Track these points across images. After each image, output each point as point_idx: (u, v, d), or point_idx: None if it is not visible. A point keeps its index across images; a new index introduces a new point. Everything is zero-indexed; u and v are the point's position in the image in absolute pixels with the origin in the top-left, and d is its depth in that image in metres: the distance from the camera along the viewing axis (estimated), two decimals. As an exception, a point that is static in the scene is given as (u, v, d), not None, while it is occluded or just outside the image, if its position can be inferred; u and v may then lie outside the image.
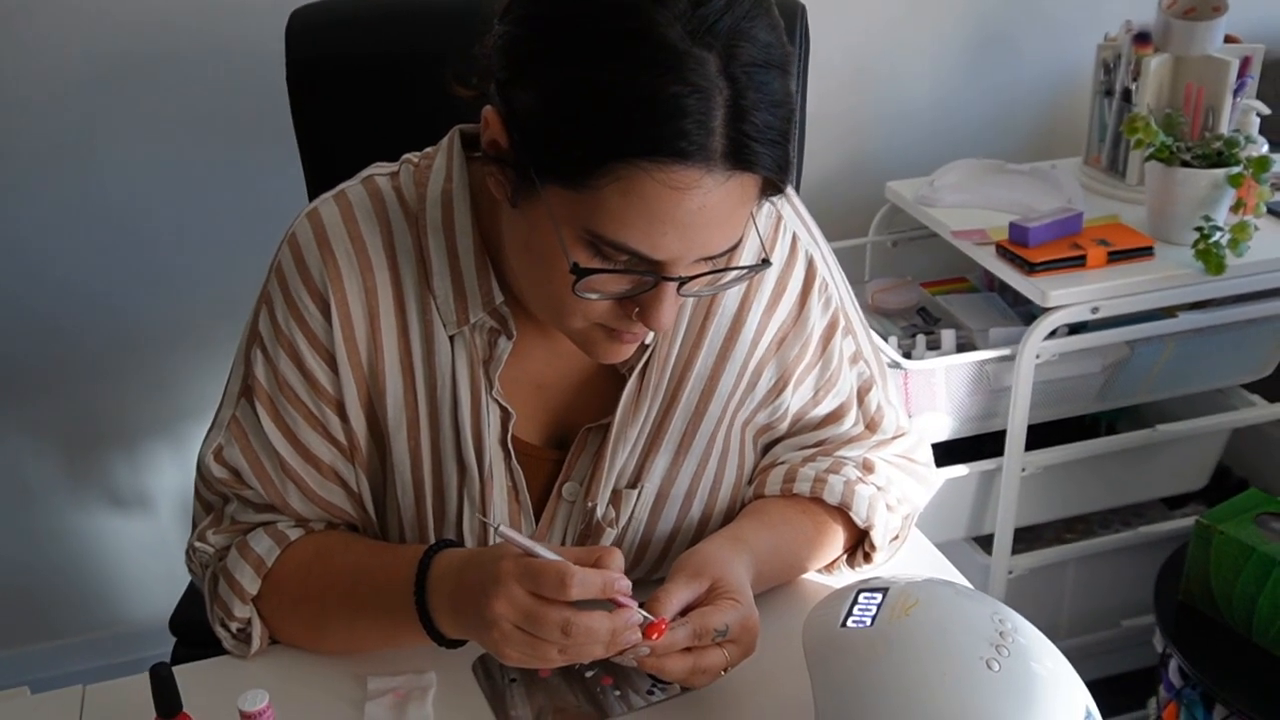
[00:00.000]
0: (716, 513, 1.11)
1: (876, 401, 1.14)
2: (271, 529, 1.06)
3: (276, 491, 1.05)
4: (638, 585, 1.10)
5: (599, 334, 0.94)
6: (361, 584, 1.02)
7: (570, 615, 0.86)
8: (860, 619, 0.91)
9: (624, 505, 1.06)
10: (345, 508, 1.07)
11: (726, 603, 0.93)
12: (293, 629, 1.06)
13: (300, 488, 1.05)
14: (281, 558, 1.04)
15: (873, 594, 0.93)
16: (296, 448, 1.04)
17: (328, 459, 1.05)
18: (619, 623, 0.88)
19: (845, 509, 1.09)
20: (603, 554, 0.90)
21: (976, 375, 1.80)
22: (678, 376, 1.06)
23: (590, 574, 0.87)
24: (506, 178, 0.90)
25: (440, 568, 0.96)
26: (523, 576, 0.87)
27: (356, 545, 1.05)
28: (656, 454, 1.06)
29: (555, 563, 0.87)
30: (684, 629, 0.91)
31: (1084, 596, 2.04)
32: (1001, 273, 1.80)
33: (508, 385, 1.04)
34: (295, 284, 1.02)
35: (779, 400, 1.10)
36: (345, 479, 1.06)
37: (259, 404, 1.04)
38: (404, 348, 1.02)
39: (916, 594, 0.92)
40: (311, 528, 1.07)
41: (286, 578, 1.04)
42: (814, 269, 1.08)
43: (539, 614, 0.87)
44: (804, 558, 1.11)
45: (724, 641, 0.93)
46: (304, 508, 1.06)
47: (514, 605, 0.87)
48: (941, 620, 0.89)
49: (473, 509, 1.04)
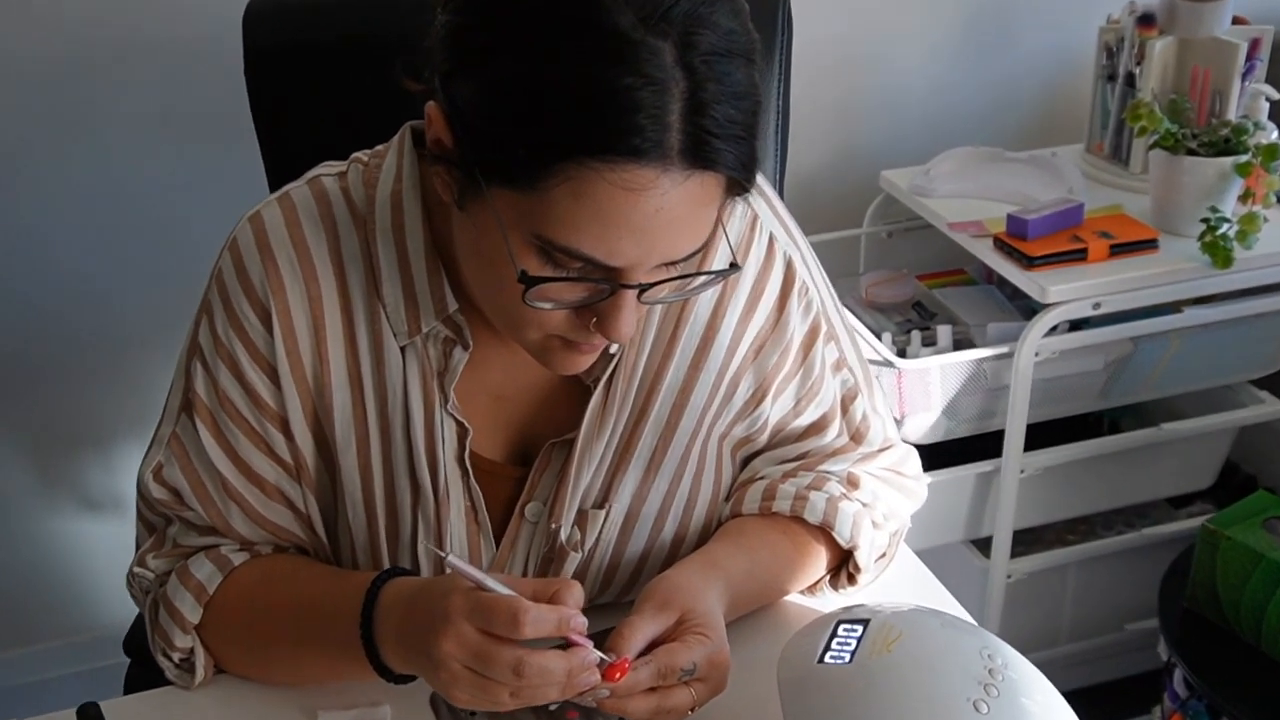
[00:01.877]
0: (691, 532, 1.04)
1: (862, 411, 1.07)
2: (214, 553, 0.99)
3: (219, 513, 0.98)
4: (605, 610, 1.05)
5: (555, 344, 0.88)
6: (306, 614, 0.95)
7: (523, 655, 0.80)
8: (839, 654, 0.84)
9: (590, 527, 0.99)
10: (292, 529, 1.00)
11: (695, 638, 0.87)
12: (237, 659, 1.00)
13: (244, 509, 0.98)
14: (224, 585, 0.98)
15: (853, 626, 0.86)
16: (239, 466, 0.98)
17: (272, 478, 0.98)
18: (575, 663, 0.81)
19: (828, 528, 1.02)
20: (561, 587, 0.83)
21: (974, 374, 1.73)
22: (647, 388, 0.99)
23: (545, 611, 0.80)
24: (453, 178, 0.83)
25: (388, 599, 0.90)
26: (473, 613, 0.81)
27: (302, 572, 0.99)
28: (625, 471, 0.99)
29: (508, 599, 0.80)
30: (647, 669, 0.85)
31: (1086, 601, 1.97)
32: (999, 267, 1.73)
33: (465, 398, 0.97)
34: (235, 293, 0.95)
35: (757, 411, 1.03)
36: (291, 499, 0.99)
37: (199, 420, 0.97)
38: (351, 359, 0.96)
39: (900, 627, 0.85)
40: (257, 550, 1.01)
41: (229, 606, 0.98)
42: (793, 271, 1.01)
43: (490, 654, 0.80)
44: (783, 581, 1.04)
45: (691, 680, 0.86)
46: (248, 530, 0.99)
47: (463, 644, 0.81)
48: (926, 656, 0.83)
49: (428, 531, 0.98)
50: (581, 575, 1.01)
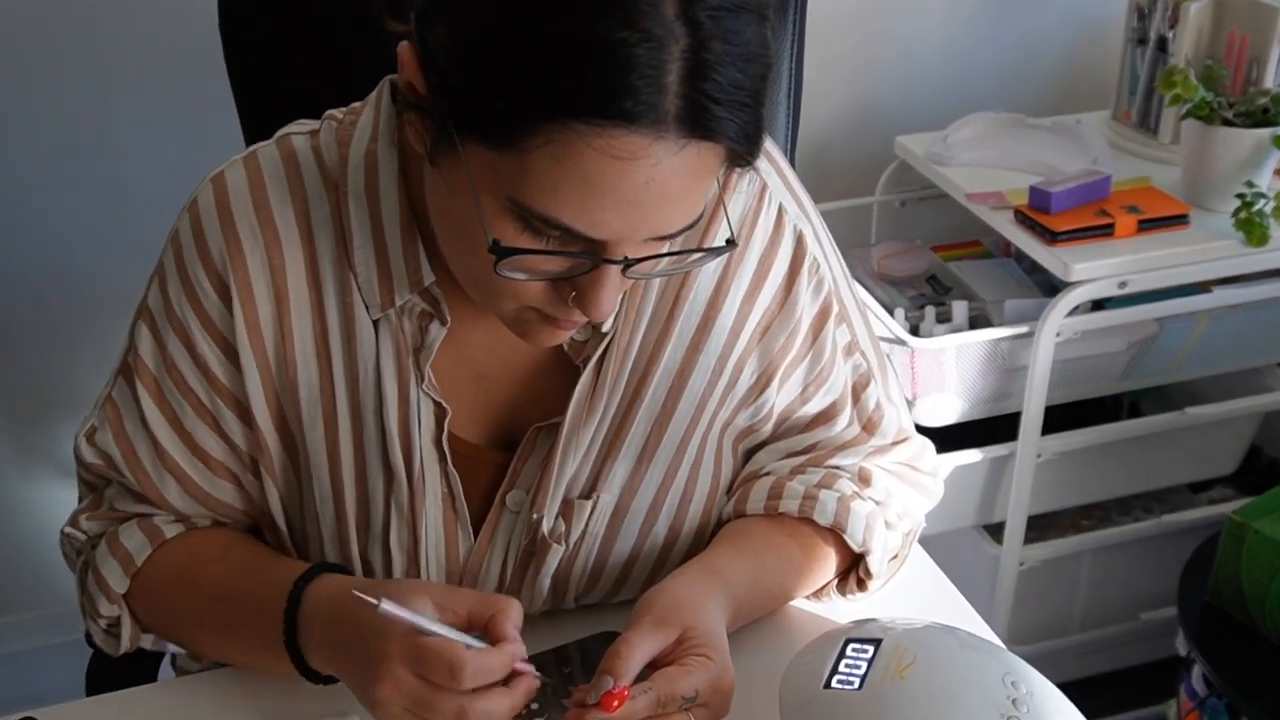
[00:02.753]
0: (686, 530, 0.96)
1: (875, 399, 0.98)
2: (147, 523, 0.93)
3: (152, 485, 0.91)
4: (591, 611, 0.96)
5: (531, 316, 0.80)
6: (230, 603, 0.89)
7: (465, 702, 0.74)
8: (848, 678, 0.76)
9: (575, 518, 0.91)
10: (235, 505, 0.93)
11: (696, 661, 0.79)
12: (166, 633, 0.94)
13: (181, 483, 0.91)
14: (153, 558, 0.92)
15: (863, 646, 0.78)
16: (182, 438, 0.90)
17: (218, 455, 0.91)
18: (516, 697, 0.75)
19: (839, 531, 0.94)
20: (499, 611, 0.77)
21: (990, 354, 1.65)
22: (641, 370, 0.90)
23: (489, 659, 0.74)
24: (425, 129, 0.75)
25: (311, 604, 0.83)
26: (410, 659, 0.75)
27: (232, 553, 0.92)
28: (615, 460, 0.91)
29: (446, 649, 0.74)
30: (645, 698, 0.77)
31: (1100, 589, 1.90)
32: (1020, 241, 1.64)
33: (444, 376, 0.89)
34: (192, 260, 0.87)
35: (762, 399, 0.94)
36: (239, 476, 0.92)
37: (140, 385, 0.90)
38: (319, 334, 0.87)
39: (914, 649, 0.77)
40: (194, 523, 0.94)
41: (156, 580, 0.92)
42: (803, 247, 0.92)
43: (429, 702, 0.74)
44: (789, 588, 0.96)
45: (692, 707, 0.78)
46: (183, 504, 0.93)
47: (401, 690, 0.75)
48: (944, 684, 0.75)
49: (401, 519, 0.89)
50: (565, 571, 0.93)
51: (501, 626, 0.75)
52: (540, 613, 0.95)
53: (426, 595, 0.76)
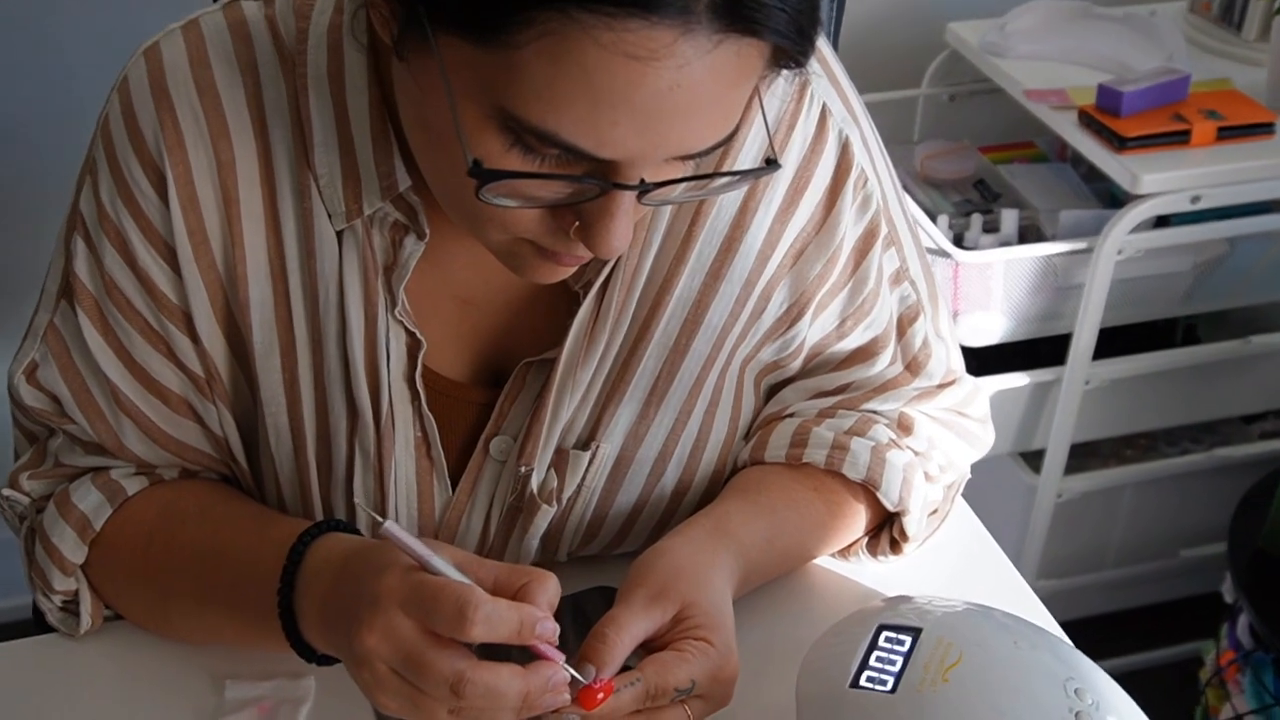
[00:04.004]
0: (699, 479, 0.83)
1: (922, 335, 0.85)
2: (103, 478, 0.80)
3: (108, 429, 0.78)
4: (589, 562, 0.85)
5: (525, 250, 0.66)
6: (213, 567, 0.76)
7: (466, 669, 0.60)
8: (879, 677, 0.64)
9: (570, 472, 0.78)
10: (203, 449, 0.80)
11: (695, 648, 0.67)
12: (131, 609, 0.81)
13: (140, 425, 0.78)
14: (115, 519, 0.79)
15: (898, 636, 0.66)
16: (134, 372, 0.77)
17: (177, 388, 0.78)
18: (535, 684, 0.62)
19: (871, 487, 0.82)
20: (533, 579, 0.63)
21: (1042, 270, 1.52)
22: (652, 299, 0.77)
23: (504, 609, 0.61)
24: (391, 13, 0.60)
25: (316, 561, 0.70)
26: (410, 600, 0.61)
27: (215, 510, 0.79)
28: (618, 403, 0.78)
29: (457, 586, 0.61)
30: (632, 692, 0.65)
31: (1141, 523, 1.78)
32: (1084, 146, 1.49)
33: (419, 301, 0.76)
34: (123, 149, 0.74)
35: (792, 332, 0.81)
36: (202, 416, 0.79)
37: (81, 310, 0.77)
38: (274, 245, 0.75)
39: (960, 644, 0.65)
40: (159, 476, 0.81)
41: (120, 547, 0.79)
42: (849, 156, 0.78)
43: (423, 660, 0.61)
44: (810, 549, 0.84)
45: (688, 698, 0.67)
46: (146, 450, 0.79)
47: (393, 641, 0.61)
48: (994, 690, 0.63)
49: (367, 466, 0.77)
50: (558, 527, 0.81)
51: (534, 598, 0.62)
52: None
53: (447, 553, 0.64)
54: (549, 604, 0.63)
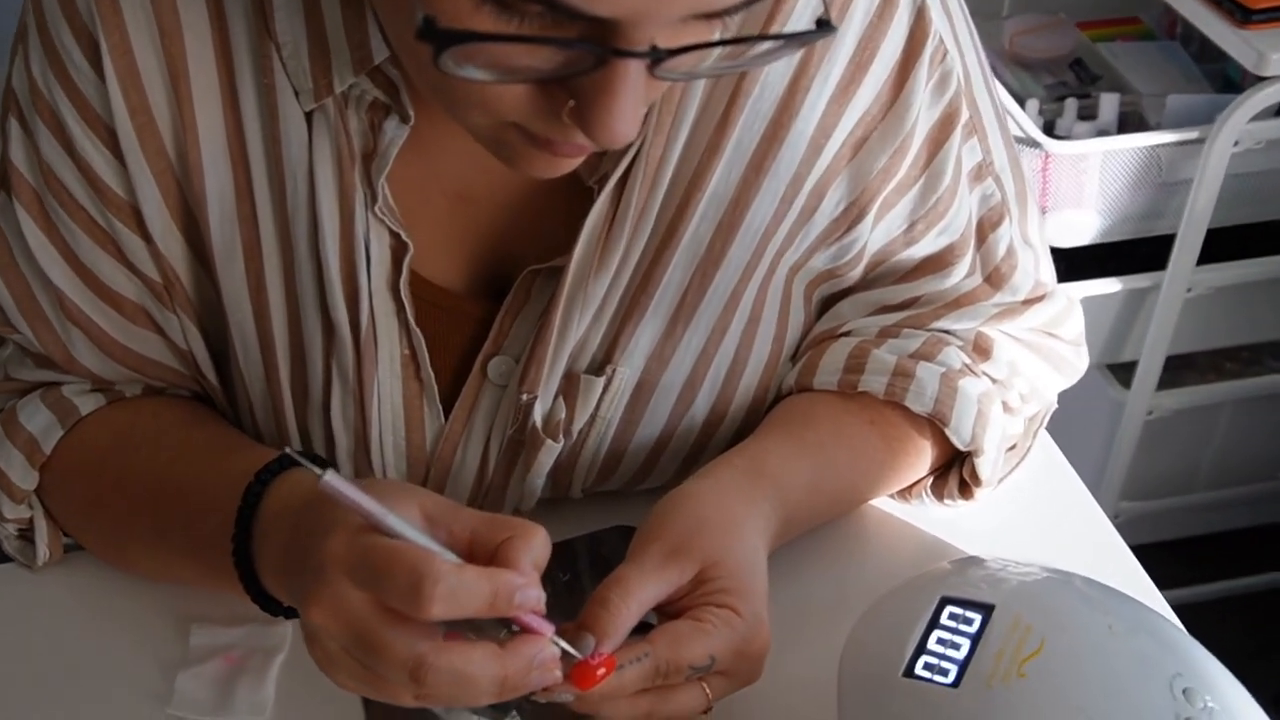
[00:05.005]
0: (735, 409, 0.72)
1: (1007, 242, 0.72)
2: (53, 395, 0.70)
3: (55, 340, 0.69)
4: (605, 499, 0.74)
5: (513, 137, 0.54)
6: (167, 505, 0.67)
7: (427, 652, 0.49)
8: (939, 665, 0.53)
9: (582, 400, 0.67)
10: (167, 363, 0.70)
11: (718, 618, 0.57)
12: (87, 541, 0.73)
13: (91, 336, 0.68)
14: (67, 442, 0.69)
15: (965, 614, 0.55)
16: (82, 276, 0.67)
17: (131, 295, 0.68)
18: (514, 667, 0.51)
19: (939, 422, 0.69)
20: (516, 534, 0.52)
21: (1144, 163, 1.37)
22: (680, 197, 0.65)
23: (471, 579, 0.49)
24: None
25: (276, 504, 0.60)
26: (357, 570, 0.50)
27: (171, 436, 0.69)
28: (639, 320, 0.66)
29: (412, 554, 0.49)
30: (638, 669, 0.55)
31: (1237, 443, 1.64)
32: (1199, 20, 1.32)
33: (406, 196, 0.65)
34: (53, 12, 0.62)
35: (851, 236, 0.68)
36: (162, 326, 0.69)
37: (19, 203, 0.66)
38: (232, 128, 0.63)
39: (1041, 628, 0.53)
40: (119, 393, 0.71)
41: (72, 475, 0.70)
42: (925, 24, 0.64)
43: (377, 642, 0.50)
44: (861, 493, 0.72)
45: (708, 675, 0.57)
46: (99, 365, 0.69)
47: (341, 617, 0.51)
48: (1083, 689, 0.51)
49: (345, 390, 0.67)
50: (568, 463, 0.70)
51: (514, 558, 0.51)
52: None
53: (415, 502, 0.53)
54: (535, 564, 0.52)
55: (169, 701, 0.66)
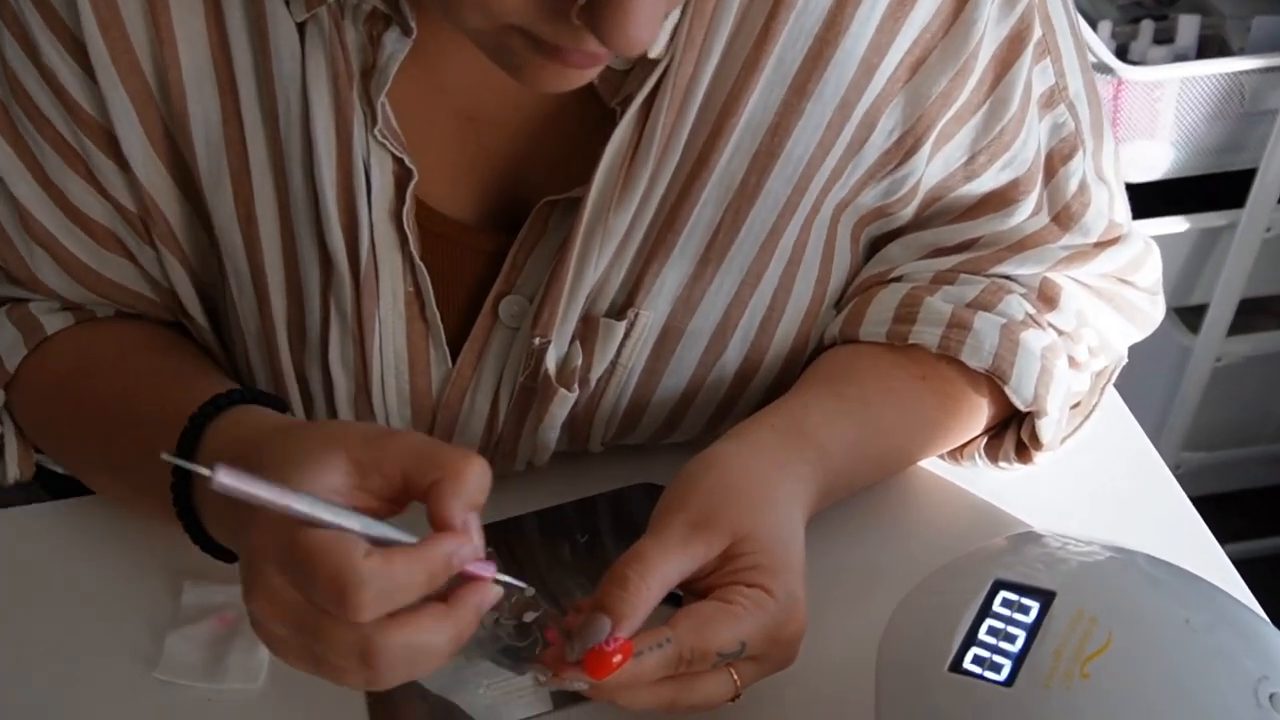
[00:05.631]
0: (771, 360, 0.65)
1: (1079, 177, 0.64)
2: (20, 311, 0.66)
3: (17, 258, 0.64)
4: (627, 454, 0.68)
5: (518, 43, 0.47)
6: (120, 436, 0.62)
7: (373, 635, 0.44)
8: (991, 660, 0.47)
9: (601, 346, 0.61)
10: (141, 291, 0.66)
11: (748, 597, 0.51)
12: (58, 459, 0.69)
13: (57, 258, 0.64)
14: (31, 363, 0.65)
15: (1021, 601, 0.49)
16: (50, 193, 0.62)
17: (102, 219, 0.63)
18: (465, 619, 0.46)
19: (998, 380, 0.63)
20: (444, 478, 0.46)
21: (1225, 91, 1.28)
22: (713, 122, 0.58)
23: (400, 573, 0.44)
24: None
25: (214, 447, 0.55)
26: (286, 564, 0.45)
27: (132, 362, 0.65)
28: (666, 259, 0.60)
29: (331, 557, 0.44)
30: (658, 655, 0.49)
31: (1311, 393, 1.55)
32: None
33: (410, 117, 0.59)
34: (18, -91, 0.56)
35: (905, 169, 0.62)
36: (136, 254, 0.64)
37: None
38: (217, 42, 0.57)
39: (1108, 620, 0.47)
40: (89, 313, 0.67)
41: (35, 393, 0.66)
42: (995, -73, 0.57)
43: (318, 632, 0.45)
44: (910, 454, 0.66)
45: (737, 661, 0.51)
46: (66, 288, 0.65)
47: (278, 607, 0.46)
48: (1155, 693, 0.45)
49: (344, 330, 0.61)
50: (586, 415, 0.64)
51: (445, 504, 0.45)
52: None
53: (341, 449, 0.47)
54: (470, 504, 0.46)
55: (156, 664, 0.61)
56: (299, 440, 0.49)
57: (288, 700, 0.60)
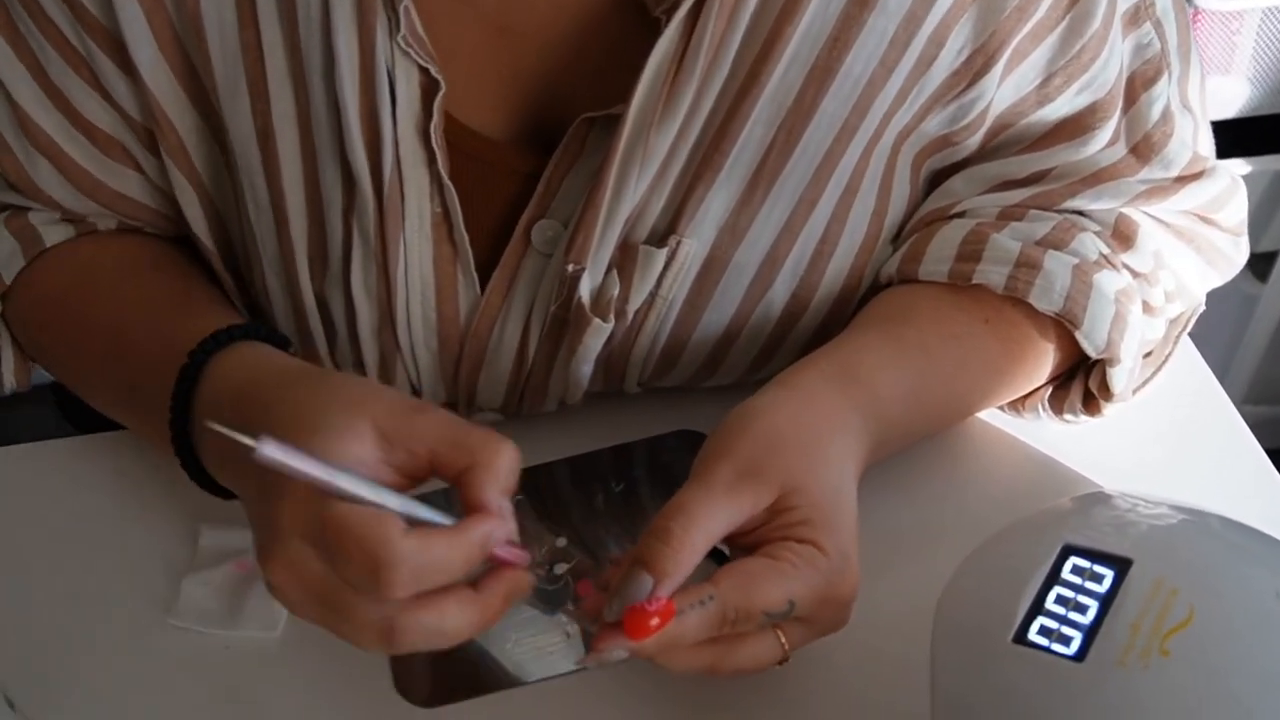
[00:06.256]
0: (822, 297, 0.61)
1: (1162, 104, 0.59)
2: (19, 221, 0.63)
3: (16, 164, 0.61)
4: (665, 397, 0.64)
5: None
6: (117, 358, 0.59)
7: (396, 616, 0.42)
8: (1060, 631, 0.43)
9: (640, 275, 0.57)
10: (147, 203, 0.62)
11: (797, 553, 0.47)
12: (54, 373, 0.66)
13: (59, 166, 0.60)
14: (28, 276, 0.62)
15: (1093, 569, 0.44)
16: (51, 96, 0.59)
17: (106, 126, 0.59)
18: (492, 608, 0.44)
19: (1069, 324, 0.58)
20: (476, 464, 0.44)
21: None
22: (765, 35, 0.53)
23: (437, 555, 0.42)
24: None
25: (215, 385, 0.52)
26: (315, 539, 0.43)
27: (133, 281, 0.62)
28: (711, 183, 0.55)
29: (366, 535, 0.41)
30: (700, 614, 0.46)
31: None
32: None
33: (439, 25, 0.54)
34: None
35: (974, 92, 0.56)
36: (142, 164, 0.61)
37: None
38: None
39: (1190, 592, 0.43)
40: (91, 225, 0.63)
41: (31, 308, 0.63)
42: None
43: (341, 606, 0.43)
44: (970, 404, 0.62)
45: (784, 622, 0.48)
46: (67, 197, 0.62)
47: (302, 579, 0.43)
48: (1245, 673, 0.41)
49: (367, 253, 0.57)
50: (621, 354, 0.60)
51: (480, 491, 0.43)
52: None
53: (368, 419, 0.44)
54: (504, 489, 0.44)
55: (172, 609, 0.58)
56: (318, 397, 0.46)
57: (308, 649, 0.57)
